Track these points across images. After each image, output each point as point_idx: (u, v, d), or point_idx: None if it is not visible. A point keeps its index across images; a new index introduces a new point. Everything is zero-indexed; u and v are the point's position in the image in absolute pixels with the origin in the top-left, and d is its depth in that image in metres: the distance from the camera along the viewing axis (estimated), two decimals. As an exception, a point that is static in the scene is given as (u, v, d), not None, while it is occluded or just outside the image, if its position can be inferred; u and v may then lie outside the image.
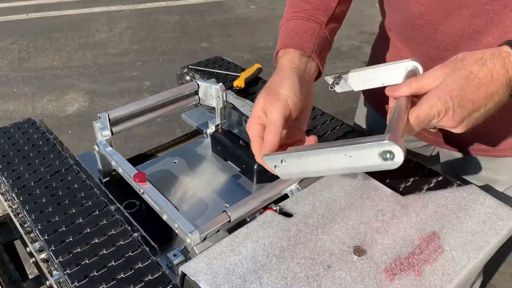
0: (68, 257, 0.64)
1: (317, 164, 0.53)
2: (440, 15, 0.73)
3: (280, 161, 0.55)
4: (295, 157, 0.54)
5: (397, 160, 0.47)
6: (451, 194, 0.74)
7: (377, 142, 0.47)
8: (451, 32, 0.74)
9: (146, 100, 0.90)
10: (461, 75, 0.55)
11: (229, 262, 0.61)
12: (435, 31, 0.76)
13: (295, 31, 0.72)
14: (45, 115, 2.78)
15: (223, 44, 3.83)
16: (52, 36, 3.91)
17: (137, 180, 0.71)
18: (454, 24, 0.73)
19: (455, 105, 0.55)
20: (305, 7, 0.75)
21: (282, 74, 0.65)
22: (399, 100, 0.58)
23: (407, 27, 0.81)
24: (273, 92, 0.62)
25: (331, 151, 0.51)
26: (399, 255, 0.63)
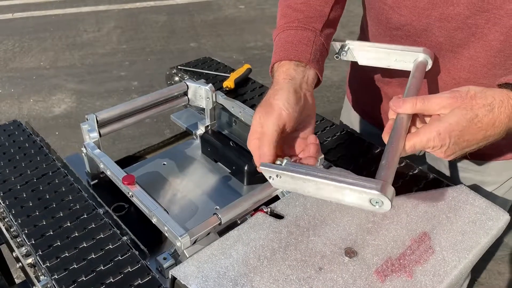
0: (55, 262, 0.63)
1: (309, 188, 0.53)
2: (421, 27, 0.73)
3: (276, 175, 0.55)
4: (290, 176, 0.54)
5: (385, 208, 0.49)
6: (441, 195, 0.74)
7: (369, 190, 0.48)
8: (431, 45, 0.74)
9: (135, 101, 0.88)
10: (466, 117, 0.55)
11: (220, 266, 0.61)
12: (415, 43, 0.76)
13: (289, 41, 0.71)
14: (31, 116, 2.75)
15: (212, 44, 3.82)
16: (38, 36, 3.86)
17: (125, 183, 0.70)
18: (435, 37, 0.73)
19: (451, 143, 0.56)
20: (298, 16, 0.74)
21: (277, 87, 0.64)
22: (400, 116, 0.58)
23: (386, 37, 0.81)
24: (267, 104, 0.62)
25: (324, 183, 0.51)
26: (390, 256, 0.63)
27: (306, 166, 0.54)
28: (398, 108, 0.59)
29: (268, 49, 3.66)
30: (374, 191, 0.48)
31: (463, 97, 0.57)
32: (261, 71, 3.42)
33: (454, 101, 0.56)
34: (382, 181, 0.49)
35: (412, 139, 0.56)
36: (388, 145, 0.55)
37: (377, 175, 0.51)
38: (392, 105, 0.59)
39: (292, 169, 0.54)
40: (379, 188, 0.48)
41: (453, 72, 0.76)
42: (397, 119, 0.58)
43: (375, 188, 0.48)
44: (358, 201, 0.50)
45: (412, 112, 0.59)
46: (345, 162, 0.83)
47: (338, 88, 3.09)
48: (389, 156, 0.53)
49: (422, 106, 0.58)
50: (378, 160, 0.84)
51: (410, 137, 0.57)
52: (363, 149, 0.87)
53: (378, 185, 0.48)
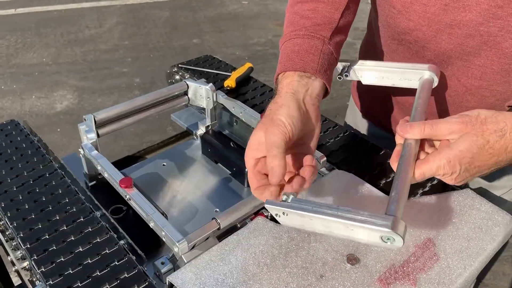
0: (50, 267, 0.62)
1: (317, 226, 0.51)
2: (430, 33, 0.70)
3: (282, 212, 0.52)
4: (297, 214, 0.52)
5: (397, 245, 0.47)
6: (446, 199, 0.72)
7: (380, 228, 0.46)
8: (440, 52, 0.71)
9: (134, 101, 0.87)
10: (477, 144, 0.53)
11: (218, 272, 0.59)
12: (423, 49, 0.73)
13: (296, 51, 0.67)
14: (33, 113, 2.74)
15: (215, 40, 3.80)
16: (40, 32, 3.85)
17: (123, 186, 0.68)
18: (444, 44, 0.70)
19: (461, 170, 0.54)
20: (305, 23, 0.70)
21: (279, 101, 0.61)
22: (408, 141, 0.56)
23: (394, 41, 0.78)
24: (269, 120, 0.59)
25: (334, 221, 0.49)
26: (394, 263, 0.61)
27: (314, 202, 0.51)
28: (406, 134, 0.56)
29: (271, 45, 3.63)
30: (385, 228, 0.45)
31: (473, 122, 0.54)
32: (264, 68, 3.41)
33: (464, 127, 0.54)
34: (392, 217, 0.47)
35: (422, 167, 0.54)
36: (397, 174, 0.53)
37: (387, 209, 0.49)
38: (399, 131, 0.57)
39: (299, 206, 0.51)
40: (390, 225, 0.45)
41: (464, 80, 0.73)
42: (405, 145, 0.56)
43: (386, 225, 0.46)
44: (369, 238, 0.48)
45: (420, 138, 0.57)
46: (348, 164, 0.82)
47: (342, 85, 3.06)
48: (398, 187, 0.51)
49: (430, 131, 0.56)
50: (381, 162, 0.83)
51: (419, 164, 0.55)
52: (366, 151, 0.85)
53: (389, 221, 0.46)
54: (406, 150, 0.55)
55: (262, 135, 0.59)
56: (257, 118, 0.86)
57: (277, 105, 0.60)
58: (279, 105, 0.60)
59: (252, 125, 0.89)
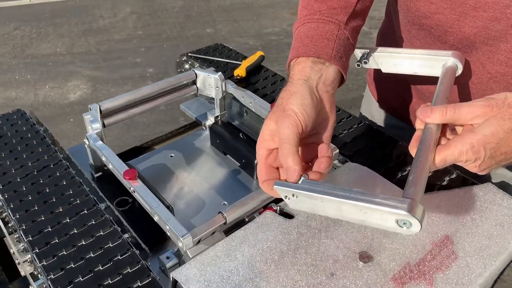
0: (52, 261, 0.60)
1: (329, 208, 0.48)
2: (453, 16, 0.66)
3: (292, 194, 0.50)
4: (307, 196, 0.49)
5: (414, 230, 0.43)
6: (465, 194, 0.68)
7: (396, 210, 0.43)
8: (464, 36, 0.67)
9: (141, 90, 0.84)
10: (504, 127, 0.49)
11: (224, 269, 0.57)
12: (445, 33, 0.69)
13: (310, 36, 0.64)
14: (47, 103, 2.75)
15: (228, 29, 3.76)
16: (55, 22, 3.86)
17: (127, 178, 0.66)
18: (468, 28, 0.65)
19: (486, 156, 0.50)
20: (320, 7, 0.67)
21: (290, 89, 0.58)
22: (428, 126, 0.53)
23: (414, 26, 0.74)
24: (280, 109, 0.56)
25: (346, 203, 0.46)
26: (409, 262, 0.58)
27: (326, 184, 0.49)
28: (426, 118, 0.53)
29: (285, 35, 3.58)
30: (401, 211, 0.42)
31: (499, 105, 0.50)
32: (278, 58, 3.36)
33: (489, 110, 0.50)
34: (410, 199, 0.43)
35: (443, 152, 0.51)
36: (416, 158, 0.50)
37: (404, 192, 0.45)
38: (420, 114, 0.54)
39: (310, 187, 0.49)
40: (407, 208, 0.42)
41: (488, 66, 0.68)
42: (425, 130, 0.52)
43: (402, 207, 0.42)
44: (383, 222, 0.45)
45: (441, 122, 0.53)
46: (361, 156, 0.78)
47: (357, 75, 3.00)
48: (417, 171, 0.48)
49: (453, 115, 0.52)
50: (397, 154, 0.79)
51: (440, 149, 0.51)
52: (381, 143, 0.82)
53: (405, 204, 0.43)
54: (426, 134, 0.52)
55: (273, 125, 0.56)
56: (268, 108, 0.83)
57: (288, 93, 0.57)
58: (290, 93, 0.57)
59: (262, 116, 0.85)
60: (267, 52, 3.66)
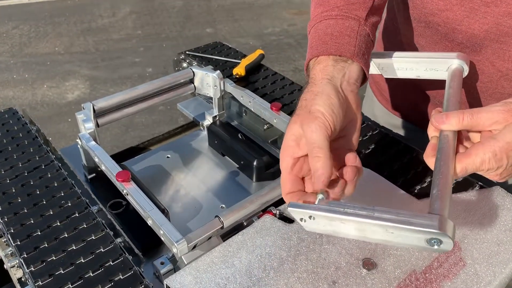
0: (40, 266, 0.57)
1: (350, 230, 0.44)
2: (462, 13, 0.63)
3: (309, 216, 0.45)
4: (326, 218, 0.45)
5: (445, 247, 0.40)
6: (473, 198, 0.65)
7: (426, 229, 0.39)
8: (473, 34, 0.64)
9: (136, 89, 0.82)
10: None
11: (220, 276, 0.54)
12: (453, 31, 0.66)
13: (329, 33, 0.60)
14: (45, 102, 2.72)
15: (229, 29, 3.73)
16: (54, 21, 3.83)
17: (120, 180, 0.63)
18: (478, 24, 0.62)
19: (508, 164, 0.47)
20: (337, 3, 0.62)
21: (314, 89, 0.53)
22: (444, 133, 0.49)
23: (420, 24, 0.70)
24: (305, 111, 0.51)
25: (371, 223, 0.42)
26: (415, 269, 0.55)
27: (344, 203, 0.44)
28: (442, 124, 0.49)
29: (286, 35, 3.55)
30: (431, 229, 0.39)
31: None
32: (278, 58, 3.34)
33: (509, 116, 0.47)
34: (438, 216, 0.40)
35: (464, 161, 0.47)
36: (436, 170, 0.46)
37: (430, 207, 0.42)
38: (434, 121, 0.50)
39: (329, 208, 0.44)
40: (437, 225, 0.39)
41: (498, 64, 0.66)
42: (441, 138, 0.49)
43: (432, 225, 0.39)
44: (412, 242, 0.41)
45: (458, 129, 0.49)
46: (365, 158, 0.75)
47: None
48: (440, 183, 0.44)
49: (470, 121, 0.48)
50: (401, 156, 0.76)
51: (460, 158, 0.47)
52: (385, 145, 0.79)
53: (435, 221, 0.39)
54: (444, 142, 0.48)
55: (298, 129, 0.51)
56: (267, 108, 0.80)
57: (312, 93, 0.53)
58: (314, 93, 0.53)
59: (262, 116, 0.83)
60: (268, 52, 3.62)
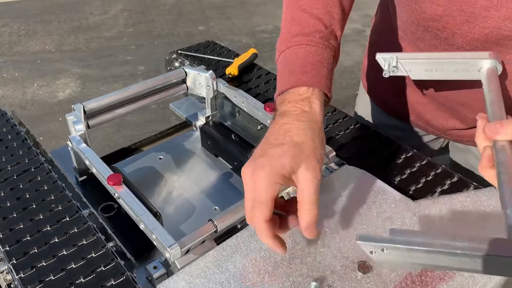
0: (30, 273, 0.56)
1: (429, 260, 0.42)
2: (462, 18, 0.62)
3: (381, 249, 0.43)
4: (404, 250, 0.42)
5: None
6: (468, 199, 0.65)
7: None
8: (473, 38, 0.63)
9: (128, 89, 0.80)
10: None
11: (214, 281, 0.53)
12: (453, 35, 0.65)
13: (311, 62, 0.60)
14: (35, 101, 2.68)
15: (221, 27, 3.71)
16: (44, 19, 3.78)
17: (111, 183, 0.62)
18: (478, 28, 0.62)
19: None
20: (318, 27, 0.62)
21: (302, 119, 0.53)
22: (500, 144, 0.48)
23: (419, 28, 0.70)
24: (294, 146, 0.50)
25: (458, 254, 0.40)
26: (411, 272, 0.55)
27: (417, 232, 0.43)
28: (497, 135, 0.48)
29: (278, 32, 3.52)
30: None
31: None
32: (271, 55, 3.32)
33: None
34: None
35: None
36: (502, 185, 0.44)
37: (508, 231, 0.41)
38: (488, 131, 0.49)
39: (404, 239, 0.42)
40: None
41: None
42: (498, 149, 0.47)
43: None
44: (499, 271, 0.40)
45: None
46: (359, 159, 0.75)
47: (351, 73, 2.98)
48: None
49: None
50: (395, 157, 0.76)
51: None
52: (379, 144, 0.78)
53: None
54: (503, 155, 0.46)
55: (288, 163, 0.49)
56: (261, 109, 0.79)
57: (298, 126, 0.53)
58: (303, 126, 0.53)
59: (255, 116, 0.82)
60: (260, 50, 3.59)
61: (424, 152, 0.78)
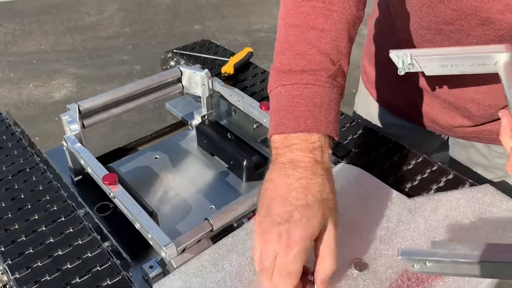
0: (26, 273, 0.56)
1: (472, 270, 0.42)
2: (477, 21, 0.61)
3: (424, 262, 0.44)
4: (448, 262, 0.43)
5: None
6: (463, 196, 0.65)
7: None
8: (488, 39, 0.62)
9: (123, 89, 0.80)
10: None
11: (210, 280, 0.53)
12: (467, 37, 0.64)
13: (318, 104, 0.54)
14: (31, 102, 2.67)
15: (217, 26, 3.70)
16: (40, 19, 3.77)
17: (106, 183, 0.62)
18: (493, 30, 0.61)
19: None
20: (326, 64, 0.56)
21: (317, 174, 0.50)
22: None
23: (429, 31, 0.68)
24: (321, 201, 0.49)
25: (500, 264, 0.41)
26: (407, 269, 0.55)
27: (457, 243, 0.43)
28: None
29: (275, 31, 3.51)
30: None
31: None
32: (267, 54, 3.32)
33: None
34: None
35: None
36: None
37: None
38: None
39: (447, 252, 0.43)
40: None
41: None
42: None
43: None
44: None
45: None
46: (355, 157, 0.75)
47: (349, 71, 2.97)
48: None
49: None
50: (392, 154, 0.75)
51: None
52: (375, 142, 0.78)
53: None
54: None
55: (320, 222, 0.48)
56: (256, 107, 0.79)
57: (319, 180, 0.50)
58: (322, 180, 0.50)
59: (250, 115, 0.82)
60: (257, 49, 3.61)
61: (424, 149, 0.77)
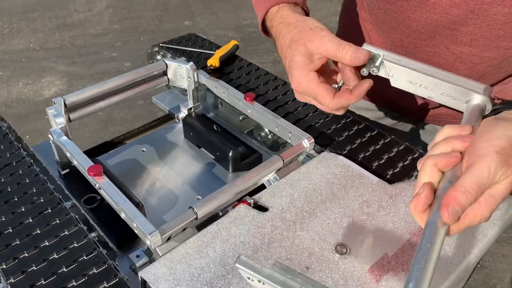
0: (12, 264, 0.56)
1: None
2: (414, 3, 0.67)
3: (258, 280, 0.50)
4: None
5: None
6: (443, 181, 0.67)
7: None
8: (426, 22, 0.68)
9: (108, 82, 0.81)
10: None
11: (195, 266, 0.54)
12: (408, 19, 0.69)
13: None
14: (20, 100, 2.66)
15: (207, 22, 3.70)
16: (28, 17, 3.74)
17: (91, 174, 0.62)
18: (429, 14, 0.66)
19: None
20: None
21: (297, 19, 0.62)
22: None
23: (380, 10, 0.74)
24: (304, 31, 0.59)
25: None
26: (387, 253, 0.56)
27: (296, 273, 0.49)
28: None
29: (264, 26, 3.53)
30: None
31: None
32: (257, 49, 3.32)
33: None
34: None
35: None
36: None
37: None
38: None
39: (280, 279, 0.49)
40: None
41: (453, 47, 0.70)
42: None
43: None
44: None
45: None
46: (338, 146, 0.76)
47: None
48: None
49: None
50: (373, 143, 0.77)
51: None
52: (358, 131, 0.80)
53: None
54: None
55: (304, 48, 0.58)
56: (241, 98, 0.80)
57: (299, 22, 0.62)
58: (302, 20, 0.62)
59: (236, 106, 0.83)
60: (247, 45, 3.62)
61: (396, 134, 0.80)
